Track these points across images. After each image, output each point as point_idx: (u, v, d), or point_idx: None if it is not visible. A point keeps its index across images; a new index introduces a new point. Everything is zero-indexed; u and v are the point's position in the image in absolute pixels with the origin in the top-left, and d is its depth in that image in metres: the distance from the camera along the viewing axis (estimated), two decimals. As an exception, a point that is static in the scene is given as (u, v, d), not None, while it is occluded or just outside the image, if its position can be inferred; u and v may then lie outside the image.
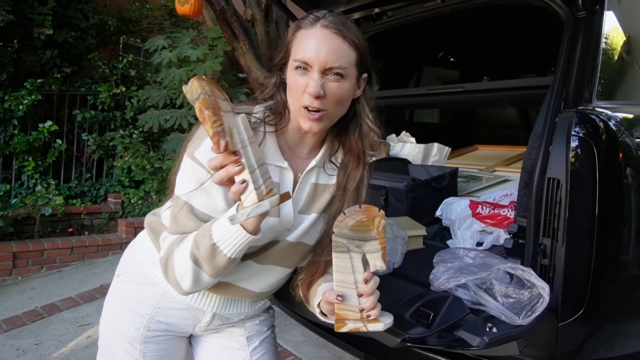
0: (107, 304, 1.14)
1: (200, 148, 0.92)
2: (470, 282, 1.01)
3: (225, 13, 3.43)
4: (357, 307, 0.89)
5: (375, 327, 0.88)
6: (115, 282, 1.14)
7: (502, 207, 1.53)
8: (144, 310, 1.07)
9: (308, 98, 0.92)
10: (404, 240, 1.33)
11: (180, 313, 1.09)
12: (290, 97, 0.97)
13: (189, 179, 0.93)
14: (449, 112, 3.92)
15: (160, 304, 1.07)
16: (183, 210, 0.92)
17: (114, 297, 1.13)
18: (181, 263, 0.90)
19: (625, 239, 1.26)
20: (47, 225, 3.96)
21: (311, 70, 0.92)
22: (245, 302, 1.13)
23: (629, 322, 1.39)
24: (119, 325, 1.09)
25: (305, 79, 0.93)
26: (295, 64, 0.94)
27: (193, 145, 0.94)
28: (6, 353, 2.47)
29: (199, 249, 0.87)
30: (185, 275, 0.90)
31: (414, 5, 2.11)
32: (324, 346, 2.48)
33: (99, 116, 4.54)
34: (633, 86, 1.60)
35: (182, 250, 0.90)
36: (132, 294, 1.09)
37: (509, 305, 0.95)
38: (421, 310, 1.03)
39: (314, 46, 0.92)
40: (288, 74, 0.97)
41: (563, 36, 1.48)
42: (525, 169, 1.23)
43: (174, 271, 0.92)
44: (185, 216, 0.92)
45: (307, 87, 0.92)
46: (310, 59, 0.92)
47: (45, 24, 4.18)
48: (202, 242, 0.86)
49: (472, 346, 0.93)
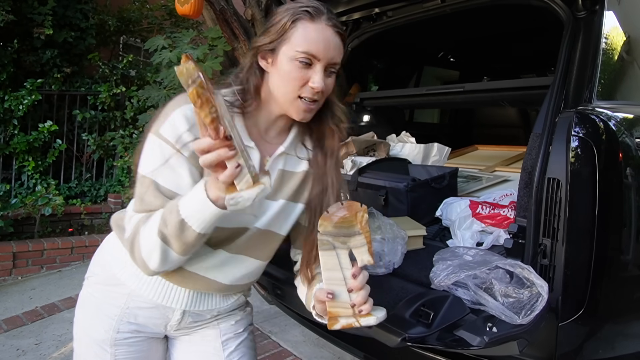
0: (77, 308, 1.12)
1: (165, 125, 0.91)
2: (470, 281, 1.01)
3: (225, 13, 3.42)
4: (348, 304, 0.88)
5: (367, 322, 0.88)
6: (85, 286, 1.13)
7: (502, 207, 1.53)
8: (112, 311, 1.05)
9: (310, 91, 0.94)
10: (404, 240, 1.33)
11: (149, 312, 1.06)
12: (281, 85, 0.96)
13: (155, 156, 0.92)
14: (449, 112, 3.92)
15: (128, 304, 1.04)
16: (149, 187, 0.91)
17: (84, 300, 1.11)
18: (148, 241, 0.88)
19: (625, 239, 1.26)
20: (47, 225, 3.96)
21: (316, 65, 0.94)
22: (216, 296, 1.10)
23: (629, 322, 1.39)
24: (89, 329, 1.08)
25: (308, 72, 0.94)
26: (299, 55, 0.93)
27: (158, 122, 0.93)
28: (6, 353, 2.47)
29: (167, 226, 0.86)
30: (152, 254, 0.89)
31: (414, 5, 2.11)
32: (324, 346, 2.48)
33: (99, 116, 4.54)
34: (633, 86, 1.60)
35: (148, 229, 0.89)
36: (100, 295, 1.07)
37: (509, 305, 0.95)
38: (421, 309, 1.03)
39: (322, 42, 0.93)
40: (282, 61, 0.95)
41: (563, 36, 1.48)
42: (525, 169, 1.23)
43: (140, 250, 0.90)
44: (151, 194, 0.91)
45: (311, 81, 0.94)
46: (318, 54, 0.93)
47: (45, 24, 4.18)
48: (170, 218, 0.85)
49: (472, 346, 0.93)
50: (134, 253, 0.92)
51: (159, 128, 0.92)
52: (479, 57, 3.49)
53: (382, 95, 2.90)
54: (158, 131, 0.92)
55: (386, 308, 0.94)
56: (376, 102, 2.80)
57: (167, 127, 0.91)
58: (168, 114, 0.93)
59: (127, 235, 0.93)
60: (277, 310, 2.47)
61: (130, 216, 0.94)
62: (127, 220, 0.95)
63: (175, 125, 0.91)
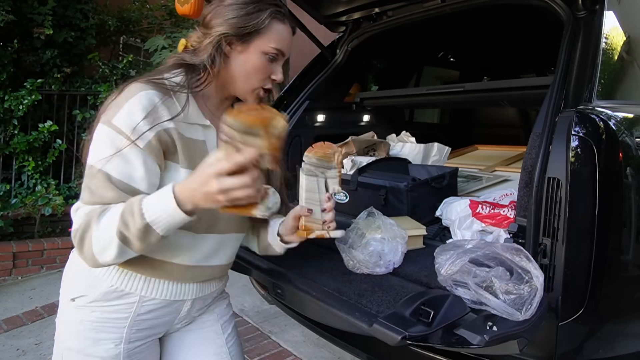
0: (67, 334, 1.02)
1: (120, 115, 0.91)
2: (471, 280, 1.01)
3: (226, 13, 3.43)
4: (320, 220, 1.08)
5: (335, 234, 1.10)
6: (71, 309, 1.01)
7: (502, 206, 1.53)
8: (120, 324, 1.00)
9: (271, 82, 1.06)
10: (404, 240, 1.33)
11: (160, 312, 1.05)
12: (245, 74, 1.04)
13: (106, 146, 0.90)
14: (449, 112, 3.92)
15: (138, 311, 1.01)
16: (99, 178, 0.89)
17: (76, 326, 1.01)
18: (102, 239, 0.87)
19: (625, 239, 1.26)
20: (47, 225, 3.96)
21: (279, 60, 1.06)
22: (216, 278, 1.15)
23: (629, 322, 1.40)
24: (92, 349, 0.99)
25: (271, 65, 1.05)
26: (271, 50, 1.03)
27: (109, 112, 0.92)
28: (6, 353, 2.47)
29: (129, 228, 0.85)
30: (106, 251, 0.87)
31: (414, 5, 2.12)
32: (324, 346, 2.48)
33: (99, 116, 4.54)
34: (633, 86, 1.60)
35: (104, 227, 0.86)
36: (100, 314, 0.99)
37: (510, 302, 0.96)
38: (421, 308, 1.03)
39: (288, 41, 1.06)
40: (251, 53, 1.03)
41: (563, 36, 1.48)
42: (525, 168, 1.23)
43: (91, 245, 0.87)
44: (102, 185, 0.89)
45: (274, 75, 1.06)
46: (285, 51, 1.06)
47: (45, 24, 4.18)
48: (133, 221, 0.85)
49: (473, 344, 0.93)
50: (82, 247, 0.89)
51: (111, 118, 0.91)
52: (479, 57, 3.49)
53: (382, 95, 2.90)
54: (110, 121, 0.91)
55: (386, 307, 1.04)
56: (376, 102, 2.80)
57: (122, 117, 0.91)
58: (120, 104, 0.92)
59: (75, 228, 0.90)
60: (277, 310, 2.47)
61: (78, 207, 0.91)
62: (74, 212, 0.92)
63: (131, 115, 0.90)
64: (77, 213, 0.91)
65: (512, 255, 1.02)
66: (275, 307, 2.22)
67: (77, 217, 0.90)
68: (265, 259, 1.38)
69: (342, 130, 2.45)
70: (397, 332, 0.95)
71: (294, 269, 1.35)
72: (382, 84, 3.28)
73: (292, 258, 1.36)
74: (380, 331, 0.98)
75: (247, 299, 3.07)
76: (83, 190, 0.92)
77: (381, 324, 0.99)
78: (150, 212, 0.85)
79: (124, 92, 0.94)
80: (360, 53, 2.52)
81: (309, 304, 1.26)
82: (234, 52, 1.02)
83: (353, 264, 1.30)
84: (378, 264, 1.29)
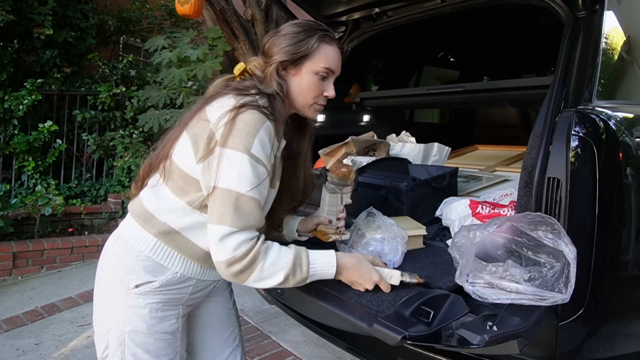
0: (131, 318, 1.13)
1: (256, 144, 1.04)
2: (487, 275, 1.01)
3: (225, 13, 3.43)
4: (334, 227, 1.34)
5: (345, 237, 1.34)
6: (132, 295, 1.12)
7: (502, 206, 1.53)
8: (178, 302, 1.18)
9: (324, 99, 1.20)
10: (404, 240, 1.33)
11: (206, 290, 1.25)
12: (302, 92, 1.18)
13: (251, 174, 1.04)
14: (449, 112, 3.93)
15: (193, 291, 1.20)
16: (250, 204, 1.04)
17: (140, 310, 1.12)
18: (265, 276, 1.05)
19: (625, 239, 1.26)
20: (47, 225, 3.96)
21: (330, 78, 1.19)
22: None
23: (629, 322, 1.40)
24: (159, 327, 1.14)
25: (323, 83, 1.18)
26: (321, 70, 1.16)
27: (244, 141, 1.03)
28: (6, 353, 2.48)
29: (295, 276, 1.07)
30: (263, 282, 1.06)
31: (414, 5, 2.12)
32: (324, 346, 2.48)
33: (99, 116, 4.54)
34: (633, 86, 1.60)
35: (272, 266, 1.05)
36: (164, 297, 1.14)
37: (540, 285, 0.96)
38: (421, 308, 1.03)
39: (337, 60, 1.19)
40: (305, 73, 1.17)
41: (563, 36, 1.48)
42: (526, 168, 1.23)
43: (251, 274, 1.04)
44: (253, 210, 1.04)
45: (326, 92, 1.19)
46: (335, 69, 1.19)
47: (45, 24, 4.18)
48: (300, 272, 1.08)
49: (473, 344, 0.93)
50: (242, 274, 1.04)
51: (250, 147, 1.03)
52: (479, 57, 3.49)
53: (382, 95, 2.90)
54: (250, 151, 1.03)
55: (386, 307, 1.06)
56: (376, 102, 2.80)
57: (259, 147, 1.04)
58: (252, 133, 1.04)
59: (235, 256, 1.02)
60: (277, 310, 2.47)
61: (230, 232, 1.02)
62: (225, 236, 1.02)
63: (264, 146, 1.05)
64: (232, 239, 1.03)
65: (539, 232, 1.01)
66: (275, 307, 2.22)
67: (235, 243, 1.02)
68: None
69: (342, 130, 2.45)
70: (397, 332, 0.95)
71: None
72: (382, 84, 3.28)
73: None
74: (380, 331, 0.98)
75: (247, 299, 3.07)
76: (226, 215, 1.03)
77: (381, 324, 0.99)
78: (314, 268, 1.10)
79: (251, 120, 1.04)
80: (360, 53, 2.52)
81: (309, 304, 1.26)
82: (289, 76, 1.17)
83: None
84: (378, 264, 1.29)
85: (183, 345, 1.23)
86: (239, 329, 1.44)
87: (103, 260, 1.20)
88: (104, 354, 1.17)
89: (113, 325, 1.15)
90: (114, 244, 1.18)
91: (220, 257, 1.03)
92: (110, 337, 1.15)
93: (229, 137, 1.03)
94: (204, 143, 1.06)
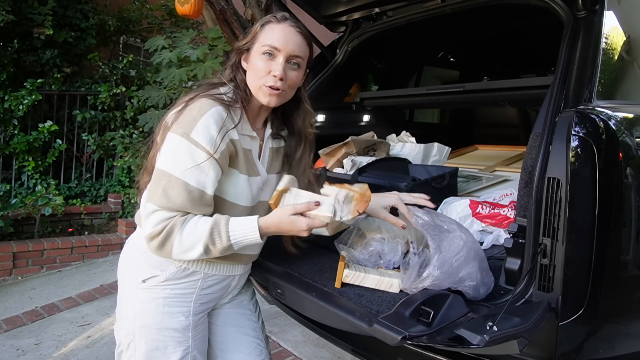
0: (141, 313, 1.16)
1: (197, 129, 1.04)
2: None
3: (225, 13, 3.43)
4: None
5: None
6: (141, 290, 1.16)
7: (502, 206, 1.53)
8: (188, 298, 1.18)
9: (272, 79, 1.13)
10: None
11: (218, 287, 1.24)
12: (252, 77, 1.16)
13: (185, 157, 1.04)
14: (449, 112, 3.92)
15: (202, 286, 1.20)
16: (178, 186, 1.04)
17: (148, 304, 1.16)
18: (186, 246, 1.05)
19: (625, 239, 1.26)
20: (47, 225, 3.96)
21: (277, 56, 1.14)
22: (253, 258, 1.32)
23: (629, 322, 1.39)
24: (166, 322, 1.16)
25: (270, 63, 1.13)
26: (263, 49, 1.14)
27: (185, 124, 1.06)
28: (6, 353, 2.48)
29: (215, 244, 1.06)
30: (186, 254, 1.06)
31: (414, 5, 2.12)
32: (324, 346, 2.48)
33: (99, 116, 4.54)
34: (633, 86, 1.60)
35: (187, 235, 1.04)
36: (171, 291, 1.16)
37: None
38: (421, 308, 1.03)
39: (283, 37, 1.14)
40: (253, 57, 1.16)
41: (563, 36, 1.48)
42: (525, 168, 1.23)
43: (172, 248, 1.05)
44: (179, 192, 1.04)
45: (272, 70, 1.13)
46: (279, 46, 1.13)
47: (45, 24, 4.19)
48: (219, 240, 1.05)
49: (473, 344, 0.93)
50: (163, 247, 1.05)
51: (189, 131, 1.04)
52: (479, 57, 3.49)
53: (382, 95, 2.90)
54: (189, 135, 1.04)
55: (386, 307, 1.06)
56: (376, 102, 2.80)
57: (200, 131, 1.04)
58: (196, 118, 1.05)
59: (156, 230, 1.04)
60: (277, 310, 2.47)
61: (153, 210, 1.05)
62: (149, 214, 1.06)
63: (208, 129, 1.05)
64: (154, 216, 1.05)
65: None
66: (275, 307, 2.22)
67: (156, 220, 1.05)
68: (266, 259, 1.38)
69: (342, 130, 2.44)
70: (397, 332, 0.95)
71: (294, 269, 1.36)
72: (382, 84, 3.28)
73: (292, 258, 1.37)
74: (380, 331, 0.98)
75: (247, 299, 3.07)
76: (155, 194, 1.05)
77: (381, 324, 0.99)
78: (235, 235, 1.07)
79: (194, 106, 1.08)
80: (360, 53, 2.52)
81: (309, 304, 1.26)
82: (246, 64, 1.19)
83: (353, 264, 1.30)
84: (378, 264, 1.29)
85: (199, 348, 1.23)
86: (264, 343, 1.40)
87: (119, 260, 1.26)
88: (118, 349, 1.23)
89: (126, 320, 1.19)
90: (127, 244, 1.25)
91: (145, 231, 1.07)
92: (124, 332, 1.20)
93: (174, 123, 1.08)
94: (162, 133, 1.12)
